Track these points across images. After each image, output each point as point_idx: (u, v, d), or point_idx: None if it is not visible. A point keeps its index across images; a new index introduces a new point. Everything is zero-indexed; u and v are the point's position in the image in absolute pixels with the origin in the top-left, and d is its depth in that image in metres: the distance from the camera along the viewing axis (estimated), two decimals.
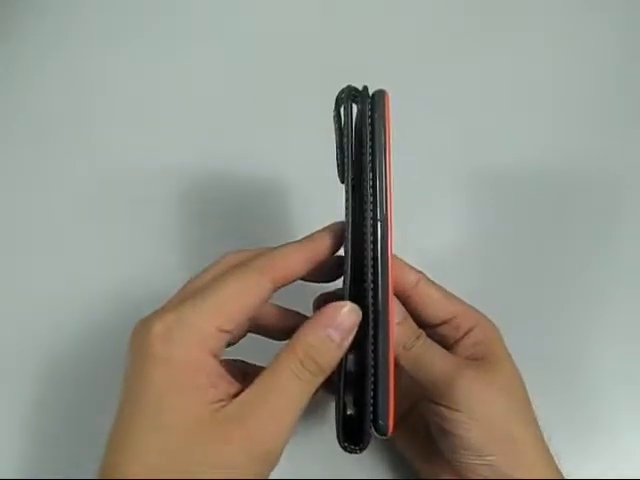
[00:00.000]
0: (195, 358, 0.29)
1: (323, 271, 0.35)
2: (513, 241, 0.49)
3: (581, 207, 0.51)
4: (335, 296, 0.35)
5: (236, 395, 0.30)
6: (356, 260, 0.32)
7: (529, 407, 0.35)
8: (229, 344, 0.33)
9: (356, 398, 0.33)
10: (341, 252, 0.33)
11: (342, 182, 0.33)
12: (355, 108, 0.32)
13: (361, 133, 0.31)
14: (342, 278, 0.32)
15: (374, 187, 0.31)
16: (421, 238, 0.45)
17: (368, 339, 0.31)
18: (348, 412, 0.33)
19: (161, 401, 0.29)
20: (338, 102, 0.33)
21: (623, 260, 0.48)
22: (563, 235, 0.49)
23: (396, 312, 0.34)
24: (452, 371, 0.34)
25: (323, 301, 0.36)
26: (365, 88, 0.32)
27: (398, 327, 0.34)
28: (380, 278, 0.31)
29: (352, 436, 0.31)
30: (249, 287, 0.31)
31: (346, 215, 0.32)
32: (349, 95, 0.32)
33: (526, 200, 0.51)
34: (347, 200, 0.32)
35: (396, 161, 0.31)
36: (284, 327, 0.36)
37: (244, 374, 0.33)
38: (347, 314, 0.31)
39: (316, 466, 0.38)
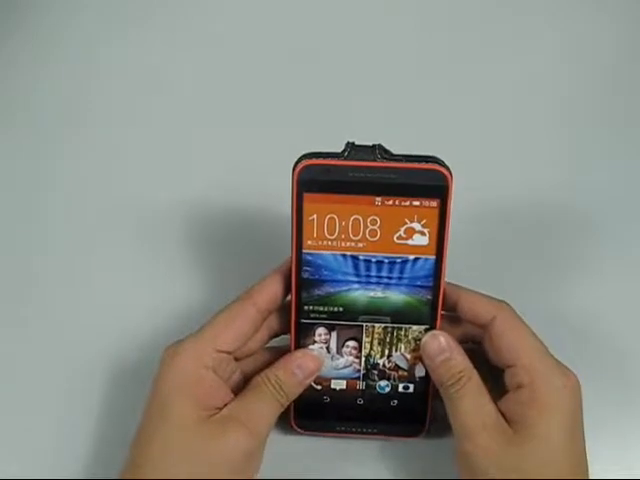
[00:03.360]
0: (193, 372, 0.36)
1: None
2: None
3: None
4: None
5: None
6: None
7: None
8: (237, 359, 0.39)
9: None
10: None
11: None
12: None
13: None
14: None
15: None
16: None
17: None
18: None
19: (164, 405, 0.36)
20: None
21: None
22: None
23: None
24: None
25: None
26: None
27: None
28: None
29: None
30: (234, 314, 0.38)
31: None
32: None
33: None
34: None
35: None
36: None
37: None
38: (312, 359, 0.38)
39: (317, 466, 0.40)
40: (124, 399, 0.44)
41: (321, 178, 0.35)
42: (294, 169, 0.35)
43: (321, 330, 0.39)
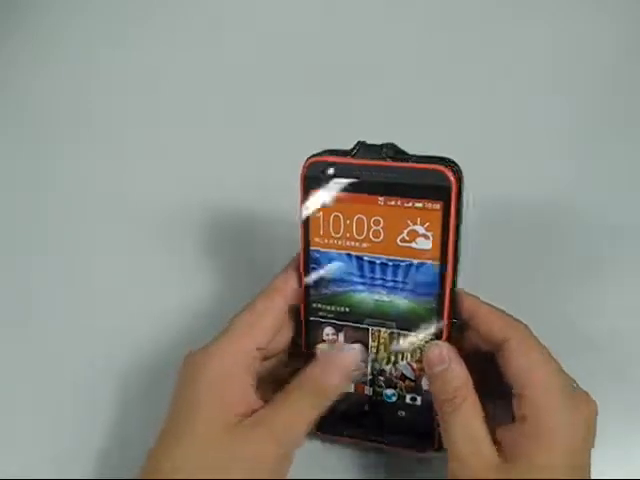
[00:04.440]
0: (225, 374, 0.35)
1: None
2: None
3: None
4: None
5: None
6: None
7: None
8: (265, 358, 0.38)
9: None
10: None
11: None
12: None
13: None
14: None
15: None
16: None
17: None
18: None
19: (193, 412, 0.35)
20: None
21: None
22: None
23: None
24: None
25: None
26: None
27: None
28: None
29: None
30: (263, 309, 0.37)
31: None
32: None
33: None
34: None
35: None
36: None
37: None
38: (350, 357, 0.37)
39: (316, 466, 0.40)
40: (126, 402, 0.43)
41: (325, 175, 0.35)
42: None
43: (329, 330, 0.39)
